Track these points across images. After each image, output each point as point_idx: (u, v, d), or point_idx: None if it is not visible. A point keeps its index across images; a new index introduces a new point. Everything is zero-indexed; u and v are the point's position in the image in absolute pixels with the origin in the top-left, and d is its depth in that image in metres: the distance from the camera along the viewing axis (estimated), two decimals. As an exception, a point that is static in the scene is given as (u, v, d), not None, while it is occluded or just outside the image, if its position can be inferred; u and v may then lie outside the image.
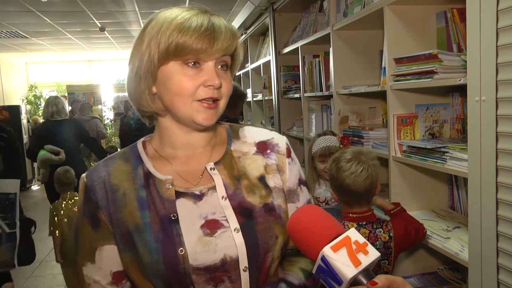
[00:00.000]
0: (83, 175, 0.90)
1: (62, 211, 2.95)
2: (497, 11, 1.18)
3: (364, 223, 1.54)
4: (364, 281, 0.63)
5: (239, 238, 0.81)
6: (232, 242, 0.81)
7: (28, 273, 3.83)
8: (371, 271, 0.65)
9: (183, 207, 0.83)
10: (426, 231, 1.64)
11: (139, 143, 0.93)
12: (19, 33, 6.58)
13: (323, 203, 2.12)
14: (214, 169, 0.87)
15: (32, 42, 7.43)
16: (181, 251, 0.79)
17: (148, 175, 0.87)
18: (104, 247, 0.86)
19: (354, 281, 0.64)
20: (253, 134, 0.96)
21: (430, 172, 1.87)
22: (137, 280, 0.84)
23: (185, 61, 0.80)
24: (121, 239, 0.83)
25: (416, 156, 1.71)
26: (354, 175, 1.49)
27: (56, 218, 2.93)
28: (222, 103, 0.85)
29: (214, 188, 0.86)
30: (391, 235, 1.54)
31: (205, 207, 0.84)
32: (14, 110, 8.04)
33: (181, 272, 0.79)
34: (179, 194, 0.85)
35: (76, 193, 3.08)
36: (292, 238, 0.75)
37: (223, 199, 0.84)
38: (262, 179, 0.89)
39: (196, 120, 0.82)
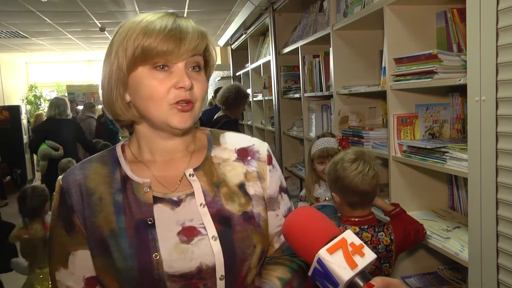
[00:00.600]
0: (59, 177, 0.88)
1: None
2: (497, 11, 1.18)
3: (365, 227, 1.54)
4: (361, 283, 0.63)
5: (216, 246, 0.79)
6: (209, 250, 0.79)
7: (28, 273, 3.82)
8: (367, 273, 0.65)
9: (160, 212, 0.82)
10: (426, 232, 1.64)
11: (118, 147, 0.91)
12: (19, 33, 6.58)
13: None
14: (193, 175, 0.86)
15: (32, 42, 7.43)
16: (156, 256, 0.78)
17: (125, 179, 0.85)
18: (77, 252, 0.84)
19: (351, 283, 0.63)
20: (233, 140, 0.95)
21: (430, 172, 1.87)
22: (109, 286, 0.82)
23: (154, 65, 0.79)
24: (95, 244, 0.81)
25: (416, 156, 1.71)
26: (362, 174, 1.49)
27: None
28: (198, 106, 0.83)
29: (192, 194, 0.84)
30: (392, 238, 1.53)
31: (182, 213, 0.82)
32: (14, 110, 8.04)
33: (155, 277, 0.77)
34: (156, 200, 0.83)
35: None
36: (287, 240, 0.74)
37: (202, 206, 0.83)
38: (242, 186, 0.88)
39: (171, 124, 0.80)
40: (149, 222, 0.81)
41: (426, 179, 1.92)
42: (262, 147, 0.94)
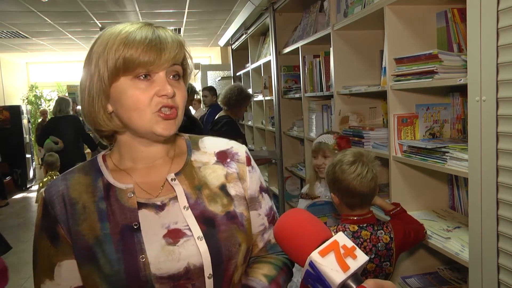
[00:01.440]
0: (42, 190, 0.89)
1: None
2: (498, 11, 1.18)
3: (365, 225, 1.54)
4: (353, 286, 0.63)
5: (203, 246, 0.81)
6: (195, 251, 0.81)
7: (28, 273, 3.84)
8: (359, 276, 0.64)
9: (144, 217, 0.83)
10: (426, 232, 1.64)
11: (99, 157, 0.93)
12: (19, 33, 6.58)
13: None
14: (175, 179, 0.87)
15: (33, 42, 7.43)
16: (142, 258, 0.79)
17: (108, 187, 0.86)
18: (63, 263, 0.84)
19: (343, 286, 0.63)
20: (212, 144, 0.97)
21: (431, 172, 1.87)
22: None
23: (136, 75, 0.80)
24: (81, 252, 0.82)
25: (417, 156, 1.71)
26: (361, 176, 1.49)
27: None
28: (180, 113, 0.85)
29: (175, 198, 0.86)
30: (391, 236, 1.54)
31: (167, 217, 0.84)
32: (15, 110, 8.05)
33: (142, 279, 0.78)
34: (140, 205, 0.84)
35: (58, 172, 4.62)
36: (279, 243, 0.74)
37: (185, 209, 0.84)
38: (223, 187, 0.90)
39: (156, 131, 0.82)
40: (135, 227, 0.82)
41: (427, 179, 1.92)
42: (240, 149, 0.97)
